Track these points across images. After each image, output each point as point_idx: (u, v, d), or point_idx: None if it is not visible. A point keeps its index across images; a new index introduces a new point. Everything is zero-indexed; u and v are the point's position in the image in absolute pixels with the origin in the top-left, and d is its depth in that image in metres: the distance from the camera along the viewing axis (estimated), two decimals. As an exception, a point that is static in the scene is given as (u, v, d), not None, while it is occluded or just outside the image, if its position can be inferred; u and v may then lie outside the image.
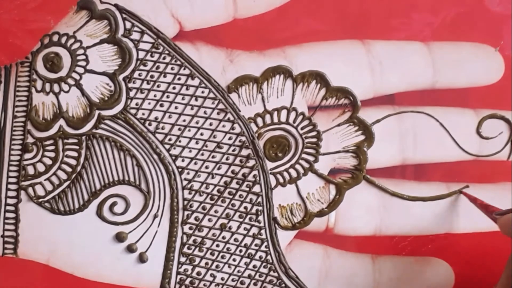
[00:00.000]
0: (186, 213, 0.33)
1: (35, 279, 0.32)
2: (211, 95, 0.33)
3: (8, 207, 0.32)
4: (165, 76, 0.32)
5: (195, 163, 0.33)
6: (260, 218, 0.33)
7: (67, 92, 0.32)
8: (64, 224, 0.32)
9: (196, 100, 0.33)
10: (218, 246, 0.33)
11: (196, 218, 0.33)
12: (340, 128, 0.33)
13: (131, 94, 0.32)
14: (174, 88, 0.33)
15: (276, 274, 0.33)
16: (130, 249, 0.33)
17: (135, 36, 0.32)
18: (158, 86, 0.32)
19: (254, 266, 0.33)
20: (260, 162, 0.33)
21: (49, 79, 0.32)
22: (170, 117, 0.33)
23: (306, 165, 0.33)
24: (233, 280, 0.33)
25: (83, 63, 0.32)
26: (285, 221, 0.33)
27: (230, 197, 0.33)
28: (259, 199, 0.33)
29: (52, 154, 0.32)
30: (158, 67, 0.32)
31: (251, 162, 0.33)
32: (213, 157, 0.33)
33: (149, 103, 0.32)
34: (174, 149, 0.33)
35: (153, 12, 0.32)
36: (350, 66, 0.33)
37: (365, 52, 0.33)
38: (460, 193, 0.33)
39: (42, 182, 0.32)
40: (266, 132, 0.33)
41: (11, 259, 0.32)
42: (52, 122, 0.32)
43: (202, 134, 0.33)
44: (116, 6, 0.32)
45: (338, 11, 0.33)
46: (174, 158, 0.33)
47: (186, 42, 0.33)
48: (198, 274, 0.33)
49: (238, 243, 0.33)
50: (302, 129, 0.33)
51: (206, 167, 0.33)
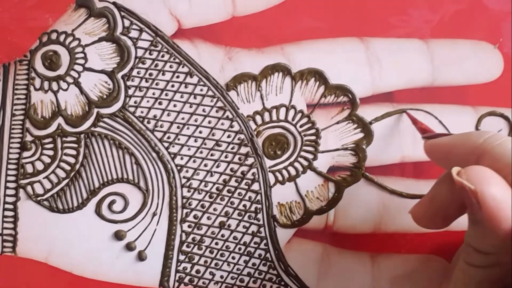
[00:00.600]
0: (185, 211, 0.33)
1: (34, 278, 0.32)
2: (210, 93, 0.33)
3: (6, 206, 0.32)
4: (163, 74, 0.32)
5: (194, 161, 0.33)
6: (259, 216, 0.33)
7: (66, 90, 0.32)
8: (63, 222, 0.32)
9: (194, 98, 0.33)
10: (217, 244, 0.33)
11: (195, 216, 0.33)
12: (339, 125, 0.33)
13: (130, 92, 0.32)
14: (172, 86, 0.32)
15: (275, 272, 0.33)
16: (129, 247, 0.33)
17: (134, 34, 0.32)
18: (157, 84, 0.32)
19: (253, 264, 0.33)
20: (259, 160, 0.33)
21: (47, 77, 0.32)
22: (168, 115, 0.32)
23: (305, 163, 0.33)
24: (232, 278, 0.33)
25: (82, 61, 0.32)
26: (284, 219, 0.33)
27: (229, 195, 0.33)
28: (258, 197, 0.33)
29: (50, 152, 0.32)
30: (156, 65, 0.32)
31: (250, 160, 0.33)
32: (212, 155, 0.33)
33: (147, 101, 0.32)
34: (173, 147, 0.33)
35: (151, 10, 0.32)
36: (349, 63, 0.33)
37: (364, 49, 0.33)
38: (403, 112, 0.33)
39: (40, 180, 0.32)
40: (265, 130, 0.33)
41: (10, 258, 0.32)
42: (50, 120, 0.32)
43: (201, 132, 0.33)
44: (114, 4, 0.32)
45: (336, 9, 0.33)
46: (173, 156, 0.33)
47: (185, 40, 0.32)
48: (197, 272, 0.33)
49: (237, 241, 0.33)
50: (301, 127, 0.33)
51: (205, 165, 0.33)
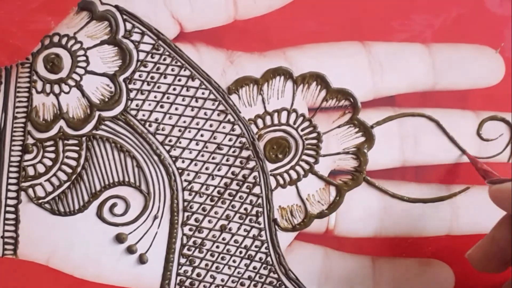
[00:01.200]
0: (186, 214, 0.33)
1: (35, 280, 0.32)
2: (212, 96, 0.33)
3: (8, 208, 0.32)
4: (165, 77, 0.32)
5: (195, 165, 0.33)
6: (260, 219, 0.33)
7: (68, 93, 0.32)
8: (64, 225, 0.32)
9: (196, 101, 0.33)
10: (218, 247, 0.33)
11: (196, 220, 0.33)
12: (340, 129, 0.33)
13: (132, 95, 0.32)
14: (174, 89, 0.32)
15: (276, 276, 0.33)
16: (130, 250, 0.33)
17: (136, 37, 0.32)
18: (159, 87, 0.32)
19: (254, 268, 0.33)
20: (260, 164, 0.33)
21: (49, 80, 0.32)
22: (170, 118, 0.33)
23: (306, 166, 0.33)
24: (233, 281, 0.33)
25: (84, 64, 0.32)
26: (285, 222, 0.33)
27: (230, 198, 0.33)
28: (259, 201, 0.33)
29: (52, 155, 0.32)
30: (158, 68, 0.32)
31: (251, 164, 0.33)
32: (213, 158, 0.33)
33: (149, 104, 0.32)
34: (174, 150, 0.33)
35: (153, 13, 0.32)
36: (351, 67, 0.33)
37: (365, 53, 0.33)
38: (463, 153, 0.33)
39: (42, 183, 0.32)
40: (266, 133, 0.33)
41: (11, 260, 0.32)
42: (52, 123, 0.32)
43: (202, 136, 0.33)
44: (116, 7, 0.32)
45: (338, 13, 0.33)
46: (174, 159, 0.33)
47: (187, 43, 0.33)
48: (198, 275, 0.33)
49: (238, 245, 0.33)
50: (302, 130, 0.33)
51: (206, 169, 0.33)
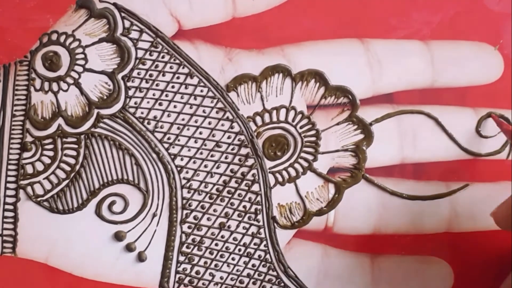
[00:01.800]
0: (185, 212, 0.33)
1: (34, 278, 0.32)
2: (210, 94, 0.33)
3: (6, 206, 0.32)
4: (164, 75, 0.32)
5: (194, 162, 0.33)
6: (259, 217, 0.33)
7: (66, 91, 0.32)
8: (63, 223, 0.32)
9: (195, 99, 0.33)
10: (217, 245, 0.33)
11: (195, 217, 0.33)
12: (339, 127, 0.33)
13: (130, 93, 0.32)
14: (173, 87, 0.32)
15: (275, 273, 0.33)
16: (129, 248, 0.33)
17: (134, 35, 0.32)
18: (157, 85, 0.32)
19: (253, 265, 0.33)
20: (259, 161, 0.33)
21: (48, 78, 0.32)
22: (169, 116, 0.32)
23: (305, 164, 0.33)
24: (232, 279, 0.33)
25: (82, 62, 0.32)
26: (284, 220, 0.33)
27: (229, 196, 0.33)
28: (258, 198, 0.33)
29: (51, 153, 0.32)
30: (157, 66, 0.32)
31: (250, 161, 0.33)
32: (212, 156, 0.33)
33: (148, 102, 0.32)
34: (173, 148, 0.33)
35: (152, 10, 0.32)
36: (349, 64, 0.33)
37: (364, 50, 0.33)
38: (489, 116, 0.33)
39: (41, 181, 0.32)
40: (265, 131, 0.33)
41: (10, 258, 0.32)
42: (51, 121, 0.32)
43: (201, 133, 0.33)
44: (115, 5, 0.32)
45: (337, 10, 0.33)
46: (173, 157, 0.33)
47: (185, 41, 0.33)
48: (197, 273, 0.33)
49: (237, 242, 0.33)
50: (301, 128, 0.33)
51: (205, 166, 0.33)
